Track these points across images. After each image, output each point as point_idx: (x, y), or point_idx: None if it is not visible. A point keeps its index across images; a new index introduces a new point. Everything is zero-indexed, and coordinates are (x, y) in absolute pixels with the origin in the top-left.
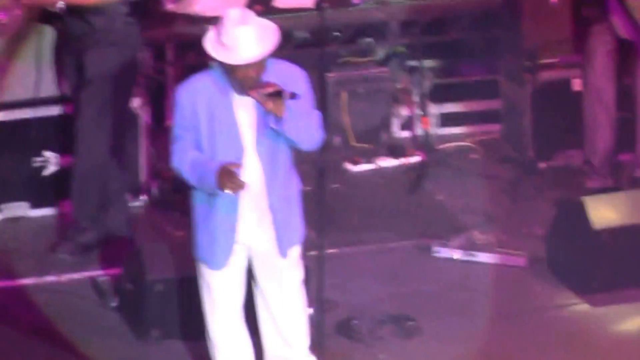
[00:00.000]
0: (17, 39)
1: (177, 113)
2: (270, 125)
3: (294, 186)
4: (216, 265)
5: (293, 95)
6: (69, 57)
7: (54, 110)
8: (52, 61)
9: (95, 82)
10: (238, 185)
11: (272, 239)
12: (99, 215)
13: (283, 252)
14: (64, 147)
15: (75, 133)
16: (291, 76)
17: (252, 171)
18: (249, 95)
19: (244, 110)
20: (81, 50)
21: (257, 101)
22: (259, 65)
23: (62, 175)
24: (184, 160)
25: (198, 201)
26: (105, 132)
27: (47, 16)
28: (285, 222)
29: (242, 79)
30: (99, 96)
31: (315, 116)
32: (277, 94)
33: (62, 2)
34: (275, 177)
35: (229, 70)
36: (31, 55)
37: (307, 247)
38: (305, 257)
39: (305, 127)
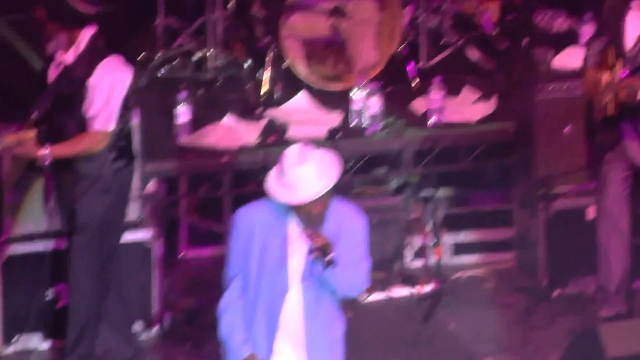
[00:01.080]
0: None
1: (233, 235)
2: (316, 269)
3: (337, 328)
4: None
5: (330, 262)
6: (59, 203)
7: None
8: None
9: (87, 229)
10: None
11: None
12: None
13: None
14: None
15: (69, 280)
16: (350, 220)
17: (293, 304)
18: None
19: (297, 245)
20: (71, 198)
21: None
22: (322, 202)
23: None
24: (228, 309)
25: None
26: (97, 276)
27: (35, 167)
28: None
29: (305, 216)
30: (90, 243)
31: (365, 265)
32: (322, 251)
33: (47, 154)
34: (316, 317)
35: (293, 208)
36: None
37: None
38: None
39: (349, 278)
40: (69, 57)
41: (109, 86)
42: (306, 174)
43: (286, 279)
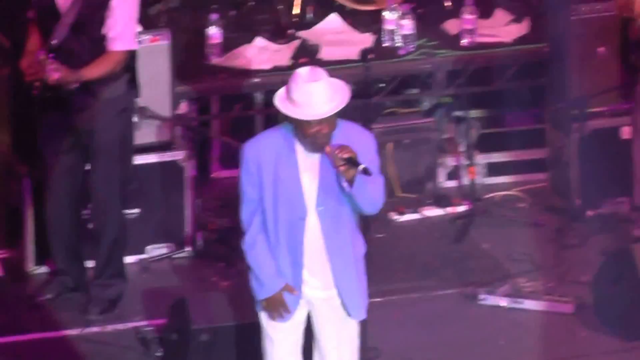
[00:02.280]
0: None
1: (242, 168)
2: (342, 184)
3: (357, 248)
4: (281, 319)
5: (366, 171)
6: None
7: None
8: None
9: (108, 150)
10: (279, 315)
11: (334, 296)
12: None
13: (353, 312)
14: None
15: (94, 203)
16: (359, 139)
17: (312, 230)
18: (322, 152)
19: (308, 170)
20: (90, 122)
21: (330, 159)
22: (331, 122)
23: None
24: (253, 246)
25: None
26: (120, 197)
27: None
28: (347, 281)
29: (314, 135)
30: (112, 164)
31: (380, 182)
32: (352, 162)
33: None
34: (335, 237)
35: (300, 127)
36: None
37: None
38: None
39: (371, 193)
40: None
41: (130, 5)
42: (319, 91)
43: (304, 205)
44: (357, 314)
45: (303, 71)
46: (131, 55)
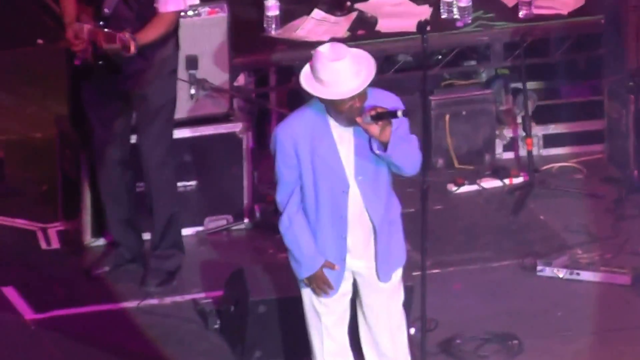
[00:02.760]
0: None
1: (278, 151)
2: (376, 151)
3: (394, 209)
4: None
5: (405, 113)
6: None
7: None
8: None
9: (163, 113)
10: (323, 291)
11: (376, 263)
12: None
13: (386, 275)
14: None
15: (147, 171)
16: (387, 104)
17: (354, 200)
18: (355, 123)
19: (345, 143)
20: (142, 86)
21: (363, 128)
22: (362, 95)
23: None
24: (290, 226)
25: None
26: (171, 165)
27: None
28: (388, 246)
29: (347, 111)
30: (166, 128)
31: (414, 140)
32: (383, 115)
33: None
34: (376, 203)
35: (333, 105)
36: None
37: (410, 267)
38: (409, 277)
39: (408, 151)
40: None
41: None
42: (345, 68)
43: (345, 178)
44: (387, 276)
45: (325, 49)
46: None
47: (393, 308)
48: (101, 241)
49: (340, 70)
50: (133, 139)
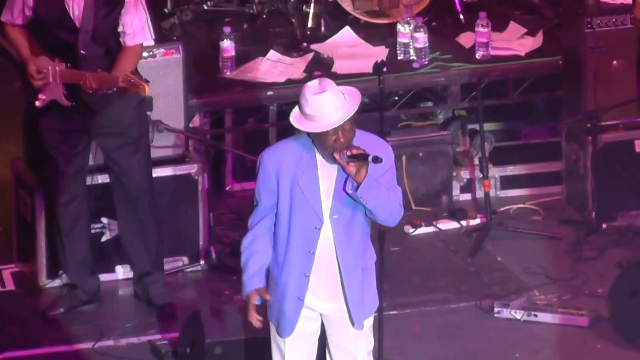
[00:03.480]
0: None
1: (260, 176)
2: (347, 190)
3: (369, 258)
4: (283, 331)
5: (377, 159)
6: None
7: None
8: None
9: (139, 144)
10: (248, 318)
11: (348, 309)
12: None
13: (355, 322)
14: None
15: (134, 201)
16: (375, 148)
17: (325, 239)
18: (333, 158)
19: (326, 181)
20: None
21: (340, 165)
22: (348, 130)
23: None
24: (249, 245)
25: (271, 264)
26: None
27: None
28: (358, 293)
29: (331, 146)
30: (144, 158)
31: (397, 192)
32: (361, 157)
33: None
34: (347, 246)
35: (319, 140)
36: None
37: None
38: None
39: (385, 199)
40: None
41: (141, 1)
42: (328, 101)
43: (320, 215)
44: (360, 324)
45: (311, 84)
46: None
47: (359, 354)
48: (57, 282)
49: (322, 104)
50: (101, 179)
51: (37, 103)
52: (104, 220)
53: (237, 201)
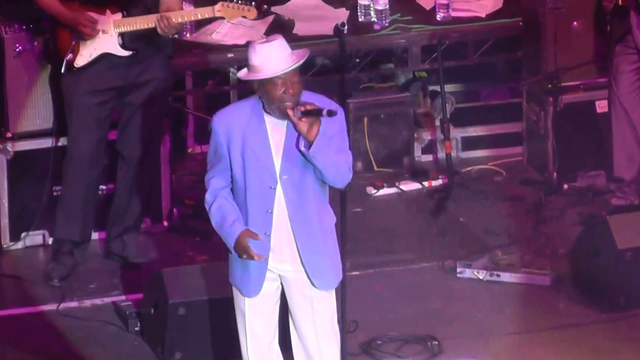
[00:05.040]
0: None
1: (211, 140)
2: (301, 147)
3: (327, 220)
4: (249, 292)
5: (331, 113)
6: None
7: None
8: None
9: (165, 93)
10: (251, 257)
11: (302, 269)
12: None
13: (314, 282)
14: None
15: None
16: (322, 105)
17: (280, 198)
18: (287, 116)
19: (276, 139)
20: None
21: (293, 122)
22: (296, 83)
23: None
24: (214, 200)
25: None
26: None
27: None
28: (314, 254)
29: (281, 97)
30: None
31: (347, 155)
32: (315, 113)
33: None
34: (300, 208)
35: (267, 93)
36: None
37: None
38: None
39: (335, 160)
40: None
41: None
42: (275, 49)
43: (274, 174)
44: (324, 285)
45: (257, 40)
46: None
47: (318, 316)
48: (19, 245)
49: (270, 52)
50: None
51: (79, 61)
52: None
53: (199, 163)
